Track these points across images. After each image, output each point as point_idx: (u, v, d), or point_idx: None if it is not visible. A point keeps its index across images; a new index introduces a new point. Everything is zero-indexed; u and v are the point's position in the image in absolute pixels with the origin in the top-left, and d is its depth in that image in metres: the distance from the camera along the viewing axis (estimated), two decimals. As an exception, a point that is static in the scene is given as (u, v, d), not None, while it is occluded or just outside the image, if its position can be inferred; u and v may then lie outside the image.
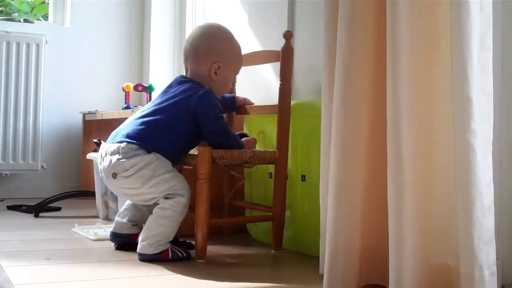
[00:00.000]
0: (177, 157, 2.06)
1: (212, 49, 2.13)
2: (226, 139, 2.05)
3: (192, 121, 2.04)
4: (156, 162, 1.98)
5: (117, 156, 1.98)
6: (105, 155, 2.02)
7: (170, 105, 2.05)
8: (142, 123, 2.03)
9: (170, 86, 2.15)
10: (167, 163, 2.00)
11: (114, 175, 1.99)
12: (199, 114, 2.03)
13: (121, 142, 2.00)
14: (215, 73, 2.12)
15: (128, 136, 2.00)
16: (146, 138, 2.00)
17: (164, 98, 2.10)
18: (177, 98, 2.06)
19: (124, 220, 2.13)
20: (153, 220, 1.96)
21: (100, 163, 2.05)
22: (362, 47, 1.61)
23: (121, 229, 2.13)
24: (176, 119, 2.03)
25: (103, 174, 2.04)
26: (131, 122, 2.07)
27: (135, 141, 1.99)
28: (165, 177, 1.97)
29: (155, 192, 1.97)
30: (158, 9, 3.87)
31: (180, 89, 2.08)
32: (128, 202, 2.16)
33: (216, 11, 3.48)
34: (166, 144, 2.02)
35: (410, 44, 1.46)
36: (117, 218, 2.15)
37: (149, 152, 1.99)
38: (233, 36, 2.19)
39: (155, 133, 2.02)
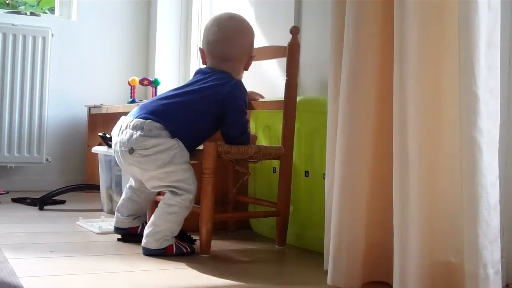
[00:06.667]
0: (192, 145, 2.04)
1: (250, 46, 2.19)
2: (242, 134, 2.07)
3: (217, 110, 2.04)
4: (177, 149, 1.96)
5: (139, 132, 1.95)
6: (125, 128, 1.99)
7: (199, 90, 2.05)
8: (168, 103, 2.03)
9: (197, 75, 2.15)
10: (186, 154, 1.99)
11: (132, 151, 1.96)
12: (227, 103, 2.03)
13: (145, 118, 1.98)
14: (249, 64, 2.23)
15: (152, 113, 1.99)
16: (170, 118, 1.99)
17: (192, 84, 2.10)
18: (207, 85, 2.06)
19: (124, 215, 2.14)
20: (159, 216, 1.96)
21: (118, 135, 2.01)
22: (369, 43, 1.61)
23: (122, 224, 2.14)
24: (203, 103, 2.03)
25: (118, 147, 2.00)
26: (157, 100, 2.06)
27: (159, 120, 1.97)
28: (181, 168, 1.96)
29: (166, 179, 1.96)
30: (164, 3, 3.86)
31: (211, 78, 2.09)
32: (123, 196, 2.16)
33: (223, 5, 3.47)
34: (187, 128, 2.00)
35: (417, 41, 1.46)
36: (116, 214, 2.15)
37: (172, 136, 1.97)
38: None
39: (180, 114, 2.01)
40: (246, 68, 2.21)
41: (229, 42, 2.13)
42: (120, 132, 2.01)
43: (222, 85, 2.05)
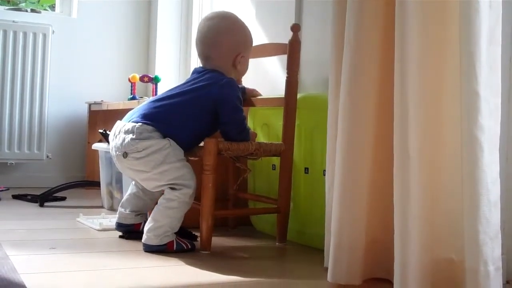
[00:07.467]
0: (188, 145, 2.04)
1: (234, 44, 2.14)
2: (241, 132, 2.06)
3: (210, 109, 2.04)
4: (169, 149, 1.97)
5: (130, 136, 1.97)
6: (118, 133, 2.02)
7: (190, 90, 2.06)
8: (159, 106, 2.04)
9: (193, 75, 2.15)
10: (179, 152, 2.00)
11: (125, 155, 1.98)
12: (220, 102, 2.03)
13: (136, 122, 1.99)
14: (239, 62, 2.16)
15: (143, 116, 2.00)
16: (162, 120, 2.00)
17: (185, 84, 2.11)
18: (199, 84, 2.06)
19: (127, 211, 2.14)
20: (159, 211, 1.96)
21: (113, 139, 2.04)
22: (369, 42, 1.60)
23: (125, 220, 2.14)
24: (194, 104, 2.03)
25: (114, 152, 2.03)
26: (149, 103, 2.07)
27: (150, 122, 1.98)
28: (175, 166, 1.97)
29: (163, 179, 1.97)
30: (165, 0, 3.86)
31: (203, 77, 2.09)
32: (128, 192, 2.17)
33: (223, 3, 3.47)
34: (181, 129, 2.01)
35: (418, 39, 1.46)
36: (120, 209, 2.16)
37: (163, 136, 1.99)
38: (242, 21, 2.20)
39: (172, 116, 2.02)
40: (235, 67, 2.16)
41: (209, 42, 2.13)
42: (115, 137, 2.03)
43: (213, 84, 2.05)
